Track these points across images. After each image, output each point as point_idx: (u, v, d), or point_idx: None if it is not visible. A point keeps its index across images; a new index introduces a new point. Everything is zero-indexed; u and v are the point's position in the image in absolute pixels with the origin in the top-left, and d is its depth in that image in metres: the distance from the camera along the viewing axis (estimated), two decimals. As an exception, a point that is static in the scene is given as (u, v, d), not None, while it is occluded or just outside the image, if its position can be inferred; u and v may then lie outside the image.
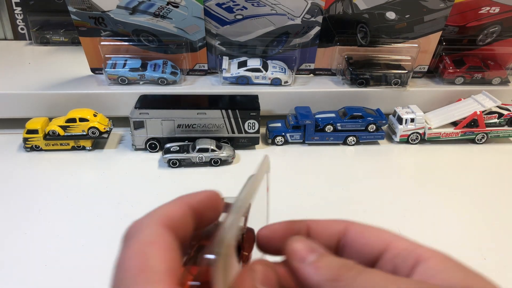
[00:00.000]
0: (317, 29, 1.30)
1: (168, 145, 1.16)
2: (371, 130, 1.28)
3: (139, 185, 1.07)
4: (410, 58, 1.36)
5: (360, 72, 1.33)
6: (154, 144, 1.20)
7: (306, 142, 1.28)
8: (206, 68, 1.39)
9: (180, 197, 0.38)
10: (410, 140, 1.29)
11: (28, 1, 1.63)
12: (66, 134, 1.18)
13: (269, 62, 1.34)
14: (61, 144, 1.19)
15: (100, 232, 0.91)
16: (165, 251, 0.30)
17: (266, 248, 0.42)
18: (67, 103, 1.24)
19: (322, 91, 1.33)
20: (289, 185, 1.09)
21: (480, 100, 1.30)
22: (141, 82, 1.30)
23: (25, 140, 1.17)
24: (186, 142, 1.18)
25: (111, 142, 1.26)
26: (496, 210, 1.02)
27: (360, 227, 0.39)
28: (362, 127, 1.27)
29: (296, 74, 1.39)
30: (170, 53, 1.33)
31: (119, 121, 1.27)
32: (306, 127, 1.25)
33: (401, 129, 1.28)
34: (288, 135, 1.26)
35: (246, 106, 1.19)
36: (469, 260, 0.32)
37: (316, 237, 0.40)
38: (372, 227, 0.39)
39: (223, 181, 1.11)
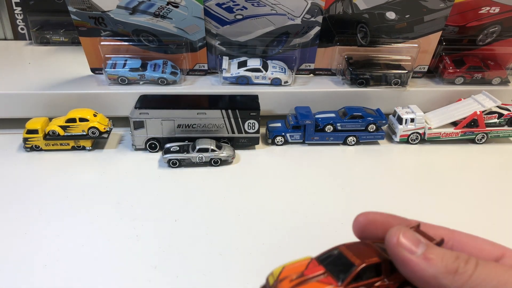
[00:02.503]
0: (317, 29, 1.30)
1: (168, 145, 1.16)
2: (371, 130, 1.28)
3: (139, 185, 1.07)
4: (410, 58, 1.36)
5: (360, 72, 1.33)
6: (154, 144, 1.20)
7: (306, 142, 1.28)
8: (206, 68, 1.39)
9: None
10: (410, 140, 1.29)
11: (28, 1, 1.63)
12: (66, 134, 1.18)
13: (269, 62, 1.34)
14: (61, 144, 1.19)
15: (100, 232, 0.91)
16: None
17: (362, 234, 0.42)
18: (67, 103, 1.24)
19: (322, 91, 1.33)
20: (289, 185, 1.09)
21: (480, 100, 1.29)
22: (141, 82, 1.30)
23: (25, 140, 1.17)
24: (186, 142, 1.18)
25: (111, 142, 1.26)
26: (496, 209, 1.02)
27: (465, 236, 0.40)
28: (362, 127, 1.27)
29: (296, 74, 1.39)
30: (170, 53, 1.33)
31: (119, 121, 1.27)
32: (306, 127, 1.25)
33: (401, 129, 1.28)
34: (288, 135, 1.26)
35: (246, 106, 1.19)
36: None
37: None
38: (474, 236, 0.40)
39: (223, 181, 1.11)
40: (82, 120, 1.17)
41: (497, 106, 1.29)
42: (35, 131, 1.17)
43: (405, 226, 0.37)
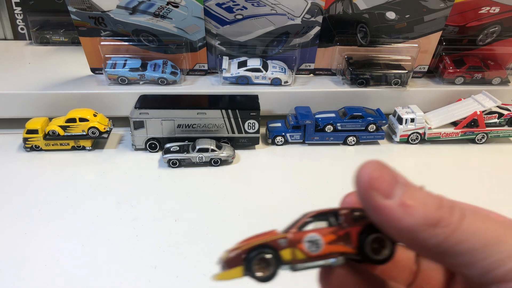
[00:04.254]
0: (317, 29, 1.30)
1: (168, 145, 1.16)
2: (371, 130, 1.28)
3: (139, 185, 1.07)
4: (410, 58, 1.36)
5: (360, 72, 1.32)
6: (154, 144, 1.20)
7: (306, 142, 1.27)
8: (206, 68, 1.39)
9: None
10: (410, 140, 1.29)
11: (28, 1, 1.63)
12: (66, 134, 1.18)
13: (269, 62, 1.34)
14: (61, 144, 1.19)
15: (100, 232, 0.91)
16: None
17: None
18: (67, 103, 1.24)
19: (322, 91, 1.33)
20: (289, 185, 1.09)
21: (480, 100, 1.29)
22: (141, 82, 1.30)
23: (25, 140, 1.17)
24: (186, 142, 1.18)
25: (111, 142, 1.26)
26: (497, 209, 1.02)
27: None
28: (362, 127, 1.27)
29: (296, 74, 1.39)
30: (170, 53, 1.33)
31: (119, 121, 1.27)
32: (306, 127, 1.25)
33: (401, 129, 1.28)
34: (288, 135, 1.26)
35: (246, 106, 1.19)
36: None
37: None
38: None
39: (223, 181, 1.11)
40: (82, 120, 1.17)
41: (497, 106, 1.29)
42: (35, 131, 1.17)
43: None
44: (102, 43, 1.29)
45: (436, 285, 0.37)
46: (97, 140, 1.24)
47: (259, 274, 0.34)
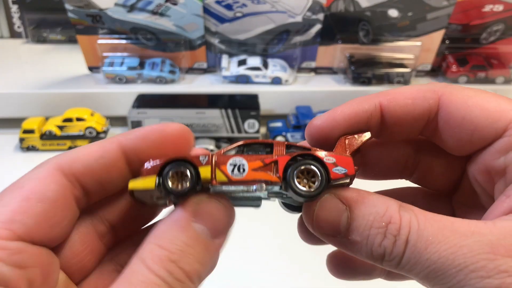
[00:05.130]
0: (318, 27, 1.28)
1: (166, 145, 1.14)
2: (373, 130, 1.26)
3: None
4: (412, 56, 1.34)
5: (362, 71, 1.31)
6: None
7: (307, 142, 1.26)
8: (205, 66, 1.37)
9: (112, 139, 0.34)
10: (412, 140, 1.28)
11: (25, -1, 1.61)
12: (63, 134, 1.16)
13: (269, 60, 1.32)
14: (58, 144, 1.17)
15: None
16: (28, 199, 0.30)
17: (317, 141, 0.36)
18: (64, 103, 1.23)
19: (324, 90, 1.31)
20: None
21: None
22: (139, 81, 1.29)
23: (22, 140, 1.15)
24: (185, 142, 1.16)
25: (109, 142, 1.24)
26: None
27: (459, 99, 0.32)
28: (364, 126, 1.25)
29: (297, 72, 1.37)
30: (168, 52, 1.31)
31: (116, 120, 1.26)
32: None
33: (404, 129, 1.26)
34: (289, 135, 1.24)
35: (246, 105, 1.17)
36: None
37: (395, 122, 0.34)
38: (474, 95, 0.31)
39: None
40: (79, 119, 1.16)
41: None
42: (31, 131, 1.15)
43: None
44: (99, 41, 1.28)
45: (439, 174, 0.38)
46: (94, 140, 1.22)
47: (172, 186, 0.32)
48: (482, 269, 0.25)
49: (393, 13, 1.28)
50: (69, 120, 1.16)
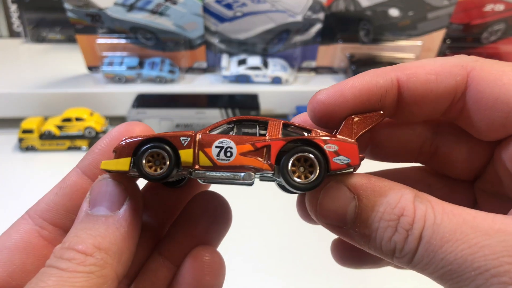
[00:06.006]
0: (318, 26, 1.28)
1: (166, 145, 1.14)
2: (374, 130, 1.25)
3: (137, 186, 1.05)
4: (413, 56, 1.34)
5: (363, 70, 1.30)
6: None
7: (307, 142, 1.25)
8: (205, 66, 1.36)
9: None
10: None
11: (24, -2, 1.61)
12: (62, 134, 1.16)
13: (269, 60, 1.31)
14: (57, 144, 1.17)
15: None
16: None
17: (320, 119, 0.32)
18: (63, 102, 1.22)
19: (324, 90, 1.31)
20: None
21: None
22: (138, 81, 1.28)
23: (21, 140, 1.15)
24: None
25: (108, 142, 1.24)
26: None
27: (491, 76, 0.27)
28: (365, 126, 1.25)
29: (297, 72, 1.37)
30: (168, 51, 1.31)
31: (116, 120, 1.25)
32: (307, 127, 1.22)
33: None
34: (289, 135, 1.24)
35: (245, 105, 1.17)
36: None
37: (414, 101, 0.29)
38: (510, 71, 0.27)
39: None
40: (78, 119, 1.15)
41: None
42: (30, 131, 1.14)
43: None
44: (98, 41, 1.27)
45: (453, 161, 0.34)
46: (94, 140, 1.22)
47: (147, 170, 0.29)
48: (505, 274, 0.22)
49: (393, 12, 1.27)
50: (68, 120, 1.15)
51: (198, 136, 0.29)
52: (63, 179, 0.35)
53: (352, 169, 0.29)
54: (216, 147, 0.29)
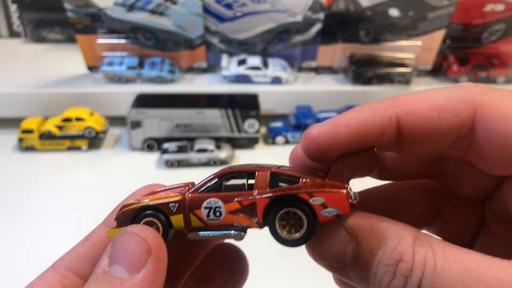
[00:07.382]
0: (318, 26, 1.28)
1: (166, 145, 1.14)
2: (374, 130, 1.25)
3: (137, 186, 1.04)
4: (413, 56, 1.33)
5: (363, 70, 1.30)
6: (152, 144, 1.17)
7: (307, 142, 1.25)
8: (205, 66, 1.36)
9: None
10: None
11: (24, -2, 1.60)
12: (62, 134, 1.16)
13: (269, 60, 1.31)
14: (57, 144, 1.17)
15: (96, 235, 0.89)
16: None
17: (313, 156, 0.30)
18: (63, 102, 1.22)
19: (324, 90, 1.31)
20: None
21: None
22: (138, 81, 1.28)
23: (21, 140, 1.15)
24: (184, 142, 1.15)
25: (108, 142, 1.24)
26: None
27: (501, 113, 0.25)
28: (365, 126, 1.25)
29: (297, 72, 1.37)
30: (168, 51, 1.31)
31: (116, 120, 1.25)
32: (307, 127, 1.22)
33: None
34: (289, 135, 1.24)
35: (246, 105, 1.17)
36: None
37: (415, 140, 0.27)
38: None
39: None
40: (78, 119, 1.15)
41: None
42: (30, 131, 1.14)
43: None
44: (98, 41, 1.27)
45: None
46: (94, 140, 1.22)
47: None
48: None
49: (393, 12, 1.27)
50: (68, 120, 1.15)
51: (188, 198, 0.31)
52: (89, 234, 0.36)
53: (345, 217, 0.28)
54: (205, 208, 0.30)
